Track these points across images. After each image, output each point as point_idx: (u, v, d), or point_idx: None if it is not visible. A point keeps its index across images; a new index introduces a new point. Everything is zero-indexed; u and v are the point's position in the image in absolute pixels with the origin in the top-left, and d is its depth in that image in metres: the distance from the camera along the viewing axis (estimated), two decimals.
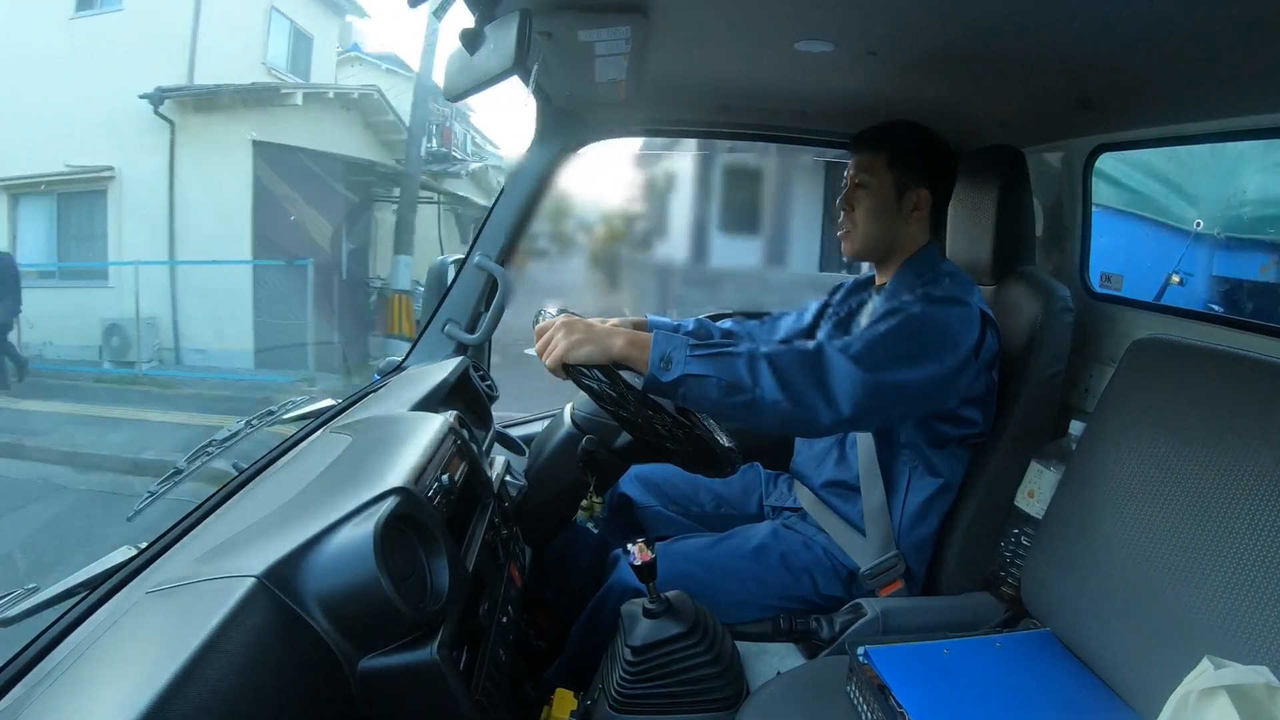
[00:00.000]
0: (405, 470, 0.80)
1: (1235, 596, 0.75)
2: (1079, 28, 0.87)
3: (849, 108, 1.38)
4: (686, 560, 1.17)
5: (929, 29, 0.96)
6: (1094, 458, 0.99)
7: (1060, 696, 0.88)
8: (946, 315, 1.05)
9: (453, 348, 1.51)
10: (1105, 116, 1.19)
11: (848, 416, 0.96)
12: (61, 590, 0.73)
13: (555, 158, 1.51)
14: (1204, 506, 0.81)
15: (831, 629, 1.11)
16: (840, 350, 0.98)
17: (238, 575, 0.63)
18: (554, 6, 0.92)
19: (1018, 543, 1.14)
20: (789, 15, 0.96)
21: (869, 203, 1.20)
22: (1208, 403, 0.86)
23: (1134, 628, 0.85)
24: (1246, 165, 2.61)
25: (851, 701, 0.90)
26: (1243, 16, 0.77)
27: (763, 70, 1.21)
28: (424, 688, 0.69)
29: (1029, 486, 1.14)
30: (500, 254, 1.51)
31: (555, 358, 0.94)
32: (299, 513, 0.74)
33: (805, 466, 1.32)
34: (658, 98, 1.41)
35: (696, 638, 0.99)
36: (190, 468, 1.00)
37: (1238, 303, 2.69)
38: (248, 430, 1.08)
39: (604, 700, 1.00)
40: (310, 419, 1.16)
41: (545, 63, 1.13)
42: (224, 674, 0.55)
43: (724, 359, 0.95)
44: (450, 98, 0.96)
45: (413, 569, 0.73)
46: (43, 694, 0.55)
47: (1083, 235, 1.37)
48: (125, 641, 0.60)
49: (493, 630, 0.85)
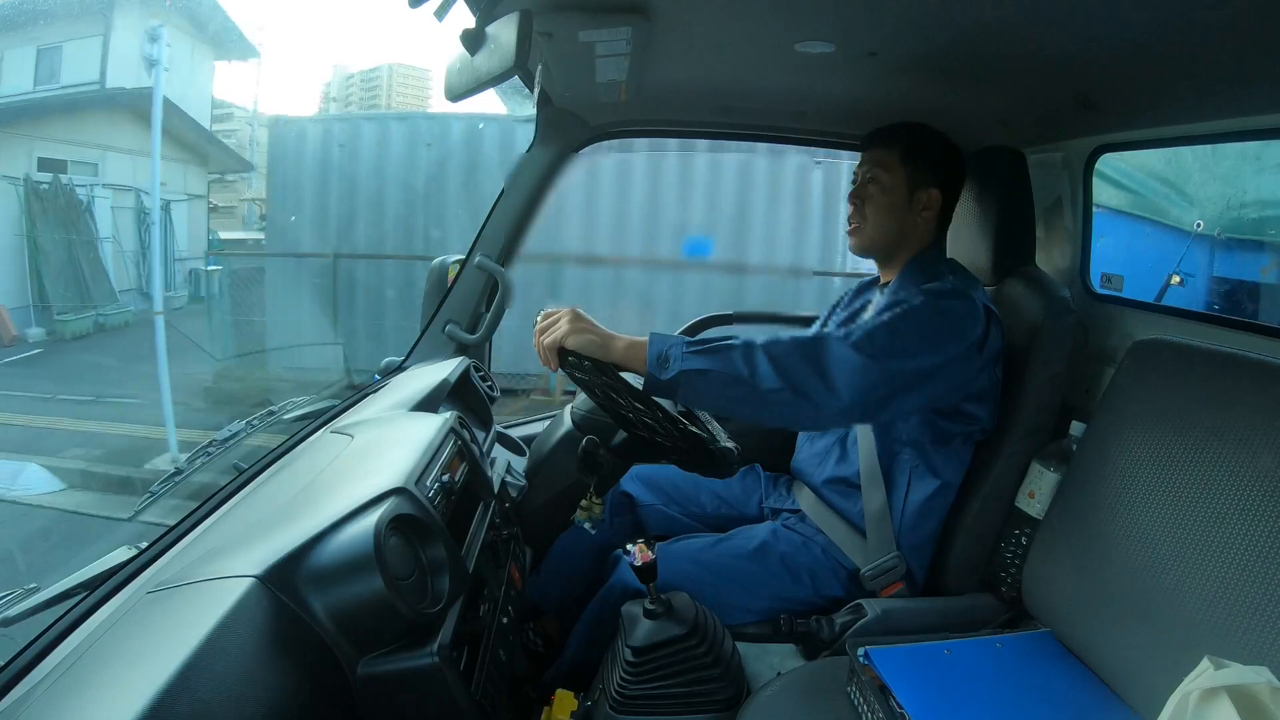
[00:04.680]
0: (405, 470, 0.81)
1: (1236, 597, 0.75)
2: (1079, 28, 0.87)
3: (850, 108, 1.38)
4: (687, 561, 1.17)
5: (929, 30, 0.96)
6: (1095, 459, 0.99)
7: (1061, 697, 0.88)
8: (949, 306, 1.05)
9: (453, 348, 1.51)
10: (1105, 117, 1.19)
11: (848, 404, 0.96)
12: (61, 590, 0.73)
13: (556, 158, 1.51)
14: (1205, 507, 0.81)
15: (832, 629, 1.11)
16: (840, 338, 0.98)
17: (238, 575, 0.63)
18: (554, 7, 0.92)
19: (1018, 543, 1.14)
20: (789, 16, 0.96)
21: (880, 198, 1.20)
22: (1208, 403, 0.86)
23: (1134, 628, 0.85)
24: (1247, 166, 2.61)
25: (852, 702, 0.90)
26: (1243, 17, 0.77)
27: (763, 71, 1.21)
28: (424, 688, 0.69)
29: (1030, 487, 1.14)
30: (501, 254, 1.52)
31: (554, 339, 0.94)
32: (299, 513, 0.74)
33: (806, 465, 1.32)
34: (658, 98, 1.41)
35: (697, 639, 0.99)
36: (190, 468, 1.00)
37: (1238, 303, 2.69)
38: (248, 430, 1.09)
39: (604, 701, 0.99)
40: (310, 419, 1.16)
41: (546, 64, 1.14)
42: (224, 673, 0.55)
43: (721, 353, 0.95)
44: (451, 98, 0.96)
45: (413, 569, 0.73)
46: (43, 694, 0.55)
47: (1083, 236, 1.37)
48: (125, 642, 0.60)
49: (493, 631, 0.85)
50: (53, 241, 8.97)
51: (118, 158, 9.80)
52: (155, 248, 8.03)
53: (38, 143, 9.04)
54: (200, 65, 11.45)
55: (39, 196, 8.91)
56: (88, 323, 8.88)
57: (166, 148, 10.59)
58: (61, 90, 9.21)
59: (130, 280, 9.69)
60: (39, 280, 8.84)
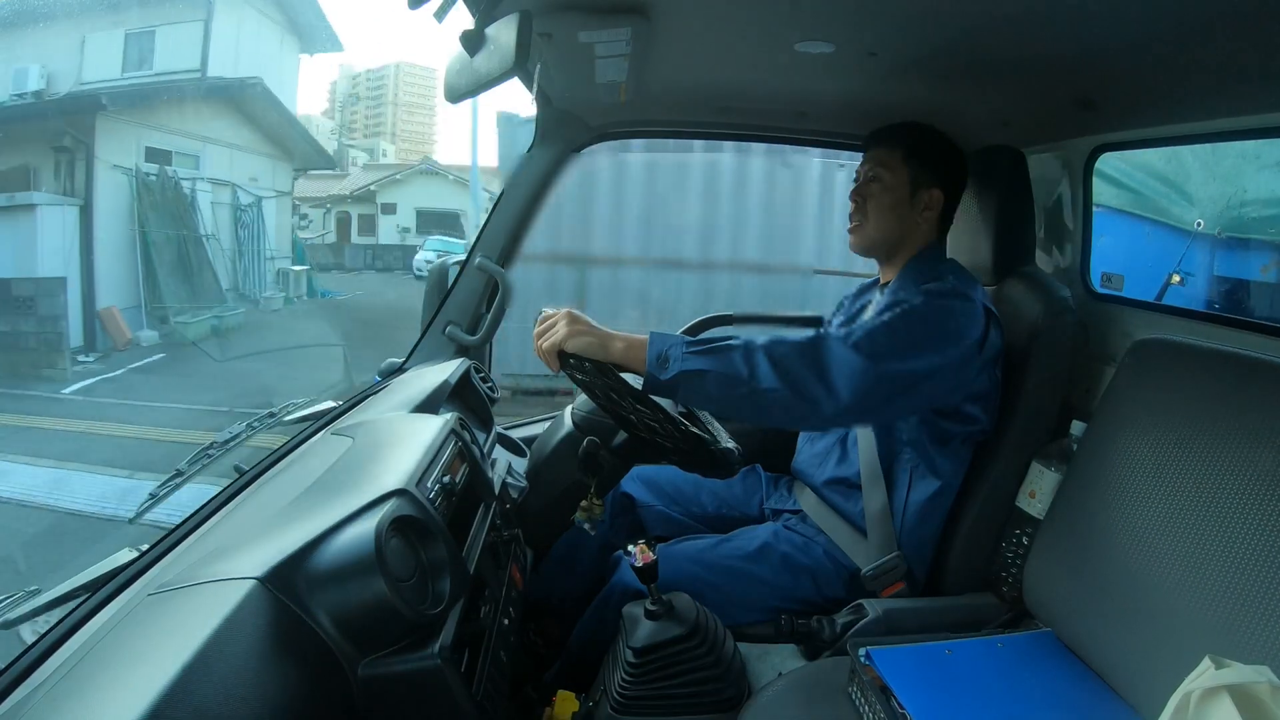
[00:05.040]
0: (406, 472, 0.81)
1: (1237, 596, 0.75)
2: (1079, 28, 0.87)
3: (850, 108, 1.38)
4: (688, 561, 1.17)
5: (929, 30, 0.96)
6: (1095, 458, 0.99)
7: (1062, 697, 0.88)
8: (949, 307, 1.05)
9: (454, 349, 1.51)
10: (1105, 116, 1.19)
11: (847, 405, 0.96)
12: (63, 592, 0.73)
13: (556, 159, 1.51)
14: (1206, 507, 0.81)
15: (833, 630, 1.11)
16: (840, 339, 0.98)
17: (239, 577, 0.63)
18: (554, 8, 0.93)
19: (1019, 543, 1.14)
20: (789, 16, 0.96)
21: (882, 197, 1.21)
22: (1209, 402, 0.86)
23: (1135, 628, 0.85)
24: (1247, 165, 2.61)
25: (853, 702, 0.90)
26: (1243, 16, 0.77)
27: (763, 71, 1.21)
28: (425, 690, 0.69)
29: (1030, 487, 1.14)
30: (501, 256, 1.52)
31: (553, 342, 0.94)
32: (300, 515, 0.74)
33: (807, 465, 1.32)
34: (658, 99, 1.41)
35: (698, 639, 0.99)
36: (191, 469, 1.00)
37: (1239, 302, 2.68)
38: (249, 432, 1.09)
39: (605, 702, 1.00)
40: (311, 421, 1.16)
41: (546, 64, 1.14)
42: (225, 675, 0.55)
43: (720, 353, 0.95)
44: (450, 100, 0.96)
45: (414, 571, 0.73)
46: (44, 696, 0.55)
47: (1083, 235, 1.37)
48: (127, 643, 0.59)
49: (494, 632, 0.85)
50: (164, 238, 8.57)
51: (216, 151, 9.47)
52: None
53: (145, 131, 8.64)
54: (288, 57, 11.11)
55: (148, 188, 8.51)
56: (205, 325, 8.42)
57: (257, 142, 10.15)
58: (163, 78, 8.80)
59: (226, 279, 9.31)
60: (154, 278, 8.37)
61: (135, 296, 8.29)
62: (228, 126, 9.42)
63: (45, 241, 7.67)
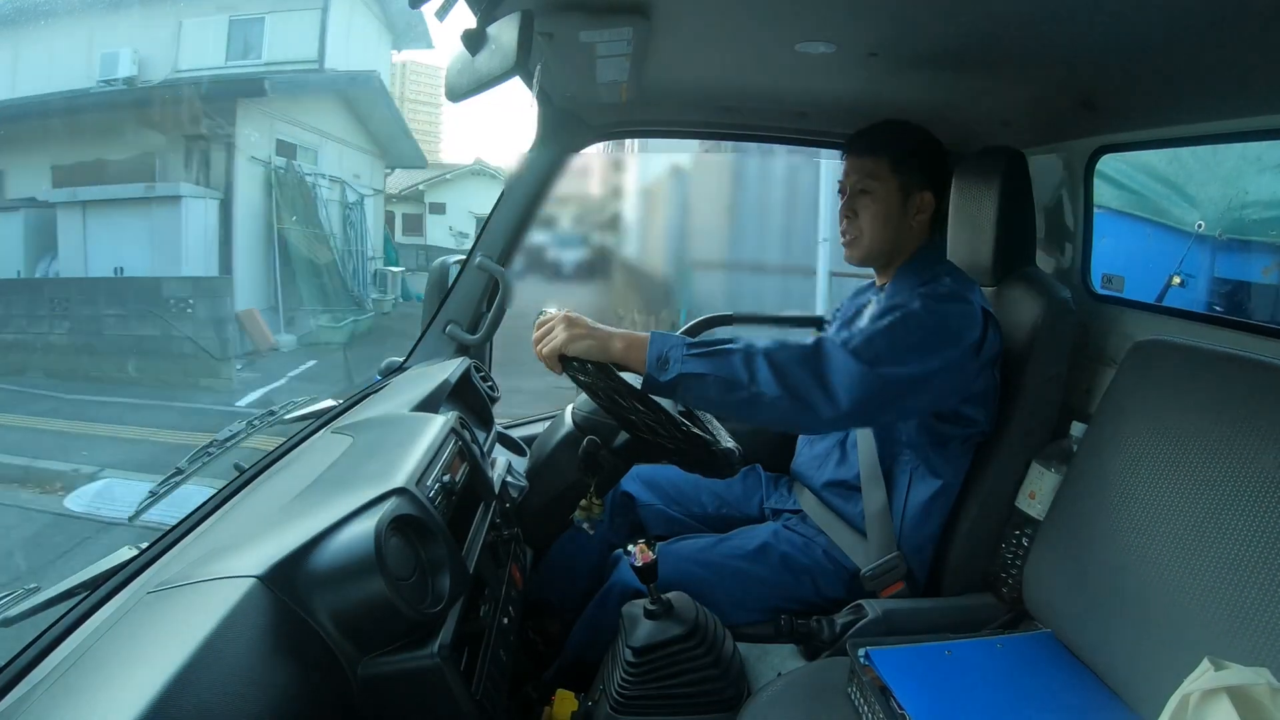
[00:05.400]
0: (406, 471, 0.81)
1: (1237, 597, 0.75)
2: (1080, 29, 0.87)
3: (850, 109, 1.38)
4: (687, 561, 1.17)
5: (930, 30, 0.96)
6: (1095, 459, 0.99)
7: (1061, 698, 0.88)
8: (946, 310, 1.05)
9: (454, 348, 1.51)
10: (1106, 118, 1.19)
11: (846, 411, 0.96)
12: (62, 590, 0.73)
13: (556, 159, 1.51)
14: (1205, 508, 0.81)
15: (833, 630, 1.11)
16: (839, 345, 0.98)
17: (238, 575, 0.63)
18: (555, 8, 0.93)
19: (1019, 544, 1.14)
20: (790, 17, 0.96)
21: (875, 209, 1.19)
22: (1209, 404, 0.86)
23: (1135, 629, 0.85)
24: (1249, 167, 2.61)
25: (853, 703, 0.90)
26: (1246, 18, 0.77)
27: (764, 71, 1.21)
28: (425, 689, 0.69)
29: (1030, 488, 1.14)
30: (501, 255, 1.52)
31: (553, 347, 0.95)
32: (300, 513, 0.74)
33: (806, 467, 1.32)
34: (659, 99, 1.41)
35: (697, 639, 0.99)
36: (191, 468, 1.00)
37: (1240, 304, 2.68)
38: (249, 430, 1.09)
39: (605, 701, 1.00)
40: (311, 419, 1.16)
41: (547, 64, 1.14)
42: (225, 674, 0.55)
43: (720, 357, 0.95)
44: (452, 99, 0.96)
45: (414, 570, 0.73)
46: (44, 694, 0.55)
47: (1084, 236, 1.37)
48: (126, 642, 0.60)
49: (493, 631, 0.85)
50: (298, 235, 7.99)
51: (330, 146, 8.92)
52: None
53: (277, 123, 7.96)
54: (382, 52, 10.51)
55: (281, 183, 7.94)
56: (347, 330, 7.83)
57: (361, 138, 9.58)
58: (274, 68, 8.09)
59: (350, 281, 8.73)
60: (293, 279, 7.80)
61: (269, 297, 7.73)
62: (341, 121, 8.94)
63: (189, 237, 7.05)
